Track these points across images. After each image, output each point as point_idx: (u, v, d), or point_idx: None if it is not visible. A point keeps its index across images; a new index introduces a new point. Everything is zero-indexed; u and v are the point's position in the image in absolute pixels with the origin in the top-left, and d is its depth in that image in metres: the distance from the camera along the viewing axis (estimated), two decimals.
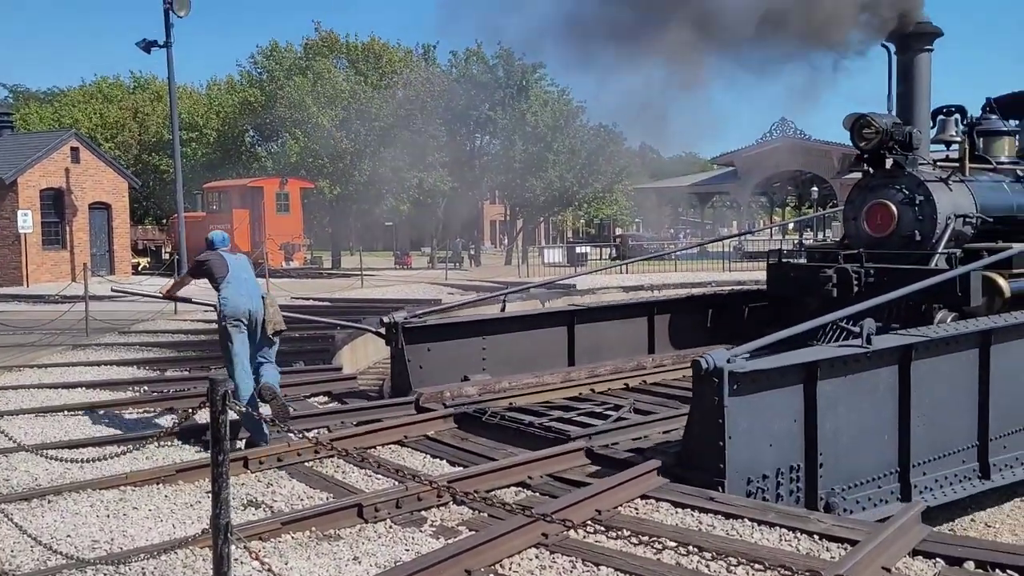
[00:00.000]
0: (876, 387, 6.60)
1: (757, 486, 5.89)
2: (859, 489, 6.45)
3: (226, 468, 3.11)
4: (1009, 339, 7.50)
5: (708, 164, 62.61)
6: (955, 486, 7.09)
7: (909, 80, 9.76)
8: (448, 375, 8.97)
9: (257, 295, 7.24)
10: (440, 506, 5.58)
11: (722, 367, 5.60)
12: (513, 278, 27.54)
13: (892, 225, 9.47)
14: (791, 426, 6.10)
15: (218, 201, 37.43)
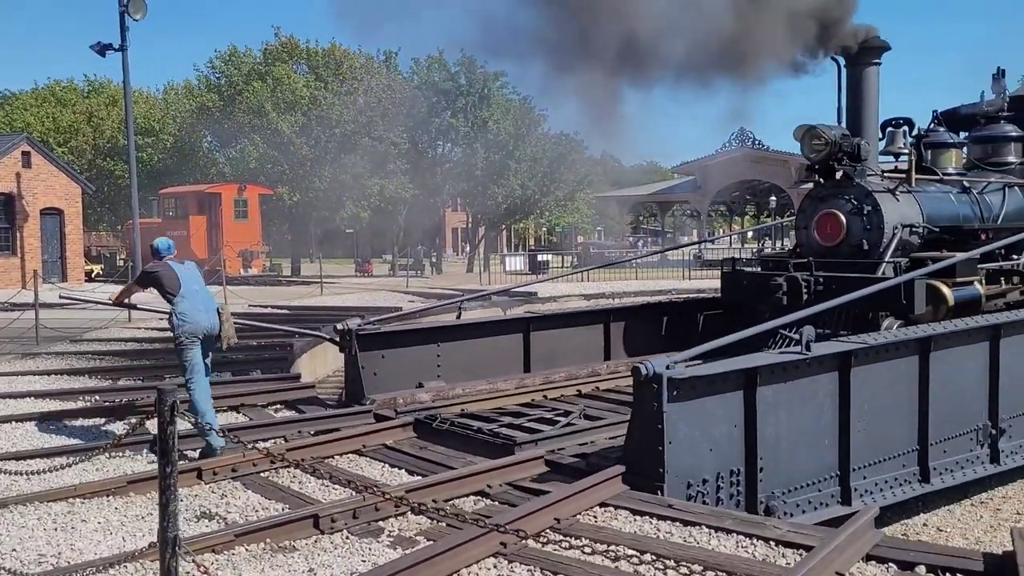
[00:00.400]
0: (816, 393, 6.73)
1: (697, 490, 5.99)
2: (800, 492, 6.58)
3: (174, 480, 3.03)
4: (947, 346, 7.68)
5: (669, 173, 63.18)
6: (895, 489, 7.24)
7: (858, 93, 9.95)
8: (402, 382, 9.00)
9: (213, 309, 7.17)
10: (398, 516, 5.52)
11: (661, 373, 5.70)
12: (475, 286, 27.49)
13: (841, 234, 9.65)
14: (731, 431, 6.22)
15: (174, 207, 36.85)
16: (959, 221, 10.34)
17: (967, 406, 7.92)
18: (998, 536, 7.16)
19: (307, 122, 37.99)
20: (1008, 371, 8.15)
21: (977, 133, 12.21)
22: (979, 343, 8.01)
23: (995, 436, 8.07)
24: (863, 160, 9.59)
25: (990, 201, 10.93)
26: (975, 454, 7.94)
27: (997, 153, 11.86)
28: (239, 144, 40.18)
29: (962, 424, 7.84)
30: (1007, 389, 8.16)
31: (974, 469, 7.91)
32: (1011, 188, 11.22)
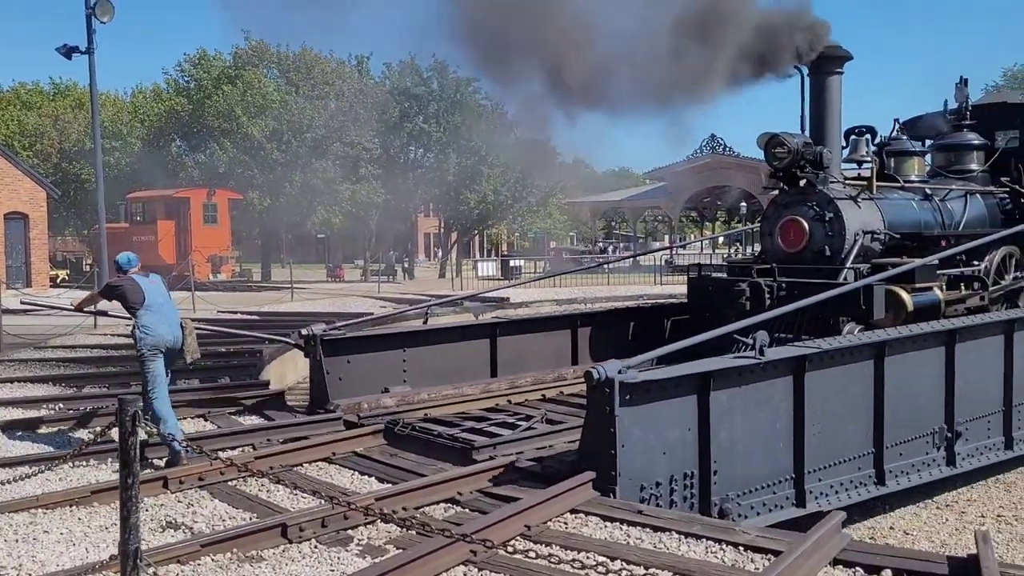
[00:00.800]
0: (771, 396, 6.81)
1: (651, 492, 6.06)
2: (754, 495, 6.66)
3: (135, 492, 2.98)
4: (902, 351, 7.81)
5: (641, 179, 63.55)
6: (850, 491, 7.34)
7: (821, 101, 10.11)
8: (368, 387, 8.98)
9: (177, 323, 7.17)
10: (367, 524, 5.48)
11: (613, 378, 5.76)
12: (447, 291, 27.43)
13: (804, 241, 9.77)
14: (685, 435, 6.30)
15: (142, 212, 36.42)
16: (920, 228, 10.49)
17: (923, 410, 8.05)
18: (963, 539, 7.25)
19: (278, 126, 37.72)
20: (964, 375, 8.30)
21: (940, 141, 12.40)
22: (935, 348, 8.16)
23: (951, 439, 8.21)
24: (825, 168, 9.74)
25: (952, 208, 11.11)
26: (931, 457, 8.09)
27: (960, 161, 12.04)
28: (208, 148, 39.78)
29: (918, 427, 7.98)
30: (963, 393, 8.31)
31: (930, 472, 8.06)
32: (972, 195, 11.41)
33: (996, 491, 8.75)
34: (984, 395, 8.69)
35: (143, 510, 5.67)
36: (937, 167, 12.32)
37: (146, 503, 5.91)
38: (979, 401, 8.59)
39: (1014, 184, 11.72)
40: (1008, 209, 11.60)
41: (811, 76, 10.11)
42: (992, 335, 8.79)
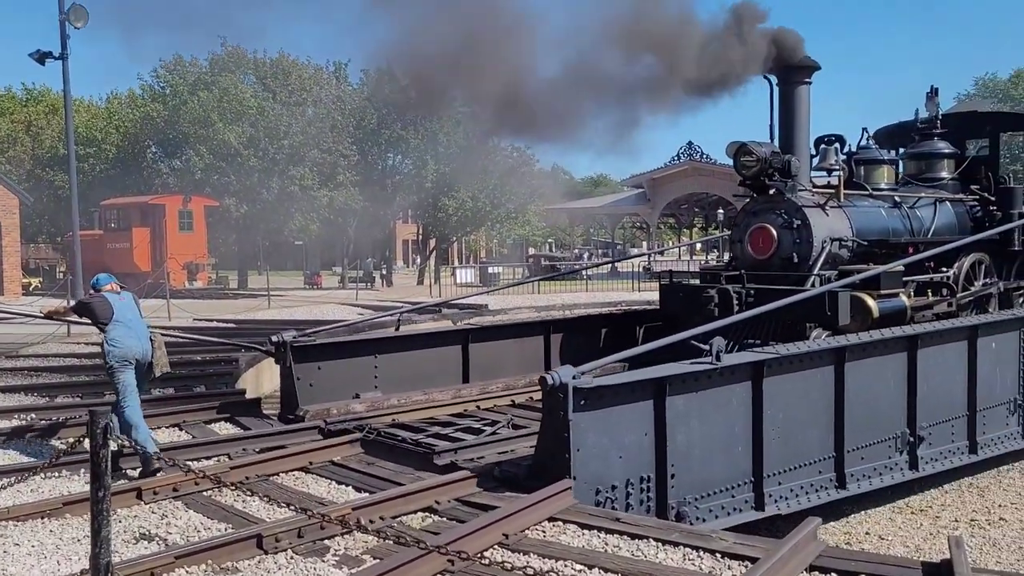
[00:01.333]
0: (729, 401, 6.91)
1: (606, 496, 6.14)
2: (712, 498, 6.75)
3: (107, 505, 2.94)
4: (863, 356, 7.92)
5: (619, 186, 63.77)
6: (811, 495, 7.44)
7: (790, 110, 10.25)
8: (339, 393, 9.04)
9: (146, 336, 7.26)
10: (344, 534, 5.44)
11: (567, 383, 5.86)
12: (425, 298, 27.36)
13: (772, 248, 9.90)
14: (641, 439, 6.38)
15: (117, 219, 36.07)
16: (889, 235, 10.62)
17: (885, 414, 8.19)
18: (938, 543, 7.33)
19: (255, 133, 37.51)
20: (927, 380, 8.45)
21: (911, 150, 12.55)
22: (896, 353, 8.29)
23: (913, 443, 8.35)
24: (794, 176, 9.87)
25: (921, 215, 11.23)
26: (894, 461, 8.23)
27: (931, 169, 12.20)
28: (184, 155, 39.48)
29: (880, 432, 8.11)
30: (926, 398, 8.46)
31: (892, 475, 8.19)
32: (942, 203, 11.53)
33: (970, 496, 8.85)
34: (948, 400, 8.84)
35: (116, 521, 5.62)
36: (908, 175, 12.47)
37: (119, 514, 5.84)
38: (943, 406, 8.75)
39: (983, 192, 11.88)
40: (977, 216, 11.75)
41: (780, 86, 10.25)
42: (955, 341, 8.95)
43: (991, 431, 9.33)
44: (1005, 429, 9.56)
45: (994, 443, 9.36)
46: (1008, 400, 9.62)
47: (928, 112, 12.35)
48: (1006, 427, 9.58)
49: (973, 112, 15.90)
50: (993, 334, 9.37)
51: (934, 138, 12.31)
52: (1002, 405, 9.54)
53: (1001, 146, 12.96)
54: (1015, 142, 14.31)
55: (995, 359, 9.42)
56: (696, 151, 43.58)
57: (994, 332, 9.40)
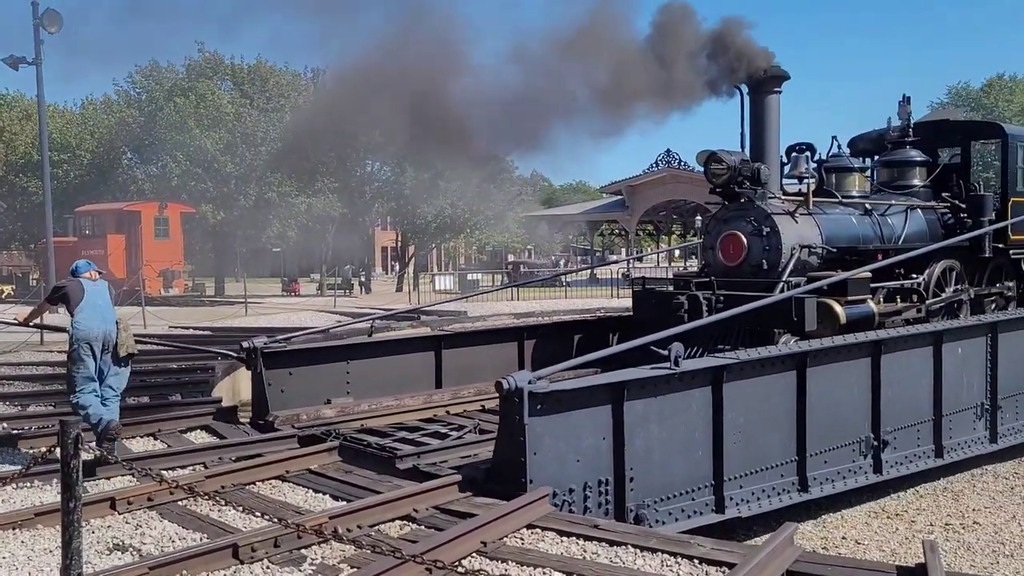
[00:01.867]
0: (689, 406, 7.03)
1: (563, 499, 6.22)
2: (672, 501, 6.86)
3: (78, 516, 2.89)
4: (825, 362, 8.06)
5: (597, 193, 63.97)
6: (772, 498, 7.56)
7: (760, 119, 10.39)
8: (310, 399, 9.12)
9: (111, 320, 7.33)
10: (321, 544, 5.39)
11: (522, 387, 5.99)
12: (403, 305, 27.28)
13: (742, 255, 10.03)
14: (599, 443, 6.48)
15: (91, 225, 35.68)
16: (859, 242, 10.74)
17: (849, 419, 8.32)
18: (913, 548, 7.39)
19: (232, 139, 37.27)
20: (891, 386, 8.59)
21: (884, 158, 12.69)
22: (860, 359, 8.42)
23: (878, 447, 8.47)
24: (764, 184, 10.00)
25: (892, 223, 11.36)
26: (858, 464, 8.35)
27: (903, 177, 12.35)
28: (160, 161, 39.14)
29: (844, 436, 8.25)
30: (890, 403, 8.60)
31: (856, 479, 8.31)
32: (913, 210, 11.66)
33: (945, 500, 8.94)
34: (913, 405, 8.99)
35: (89, 532, 5.54)
36: (882, 183, 12.61)
37: (92, 525, 5.76)
38: (908, 411, 8.89)
39: (954, 199, 12.01)
40: (949, 223, 11.88)
41: (751, 95, 10.38)
42: (920, 347, 9.09)
43: (958, 435, 9.46)
44: (973, 434, 9.71)
45: (961, 447, 9.50)
46: (975, 405, 9.77)
47: (900, 120, 12.50)
48: (973, 431, 9.73)
49: (945, 121, 16.12)
50: (959, 340, 9.52)
51: (906, 146, 12.45)
52: (969, 410, 9.69)
53: (973, 154, 13.14)
54: (987, 150, 14.49)
55: (961, 364, 9.57)
56: (674, 158, 43.82)
57: (960, 338, 9.55)
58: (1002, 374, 10.00)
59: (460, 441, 7.89)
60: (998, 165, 12.69)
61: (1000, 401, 9.99)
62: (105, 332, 7.23)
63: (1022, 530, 7.96)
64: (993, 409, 9.93)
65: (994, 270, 12.28)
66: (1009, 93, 52.60)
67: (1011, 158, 12.01)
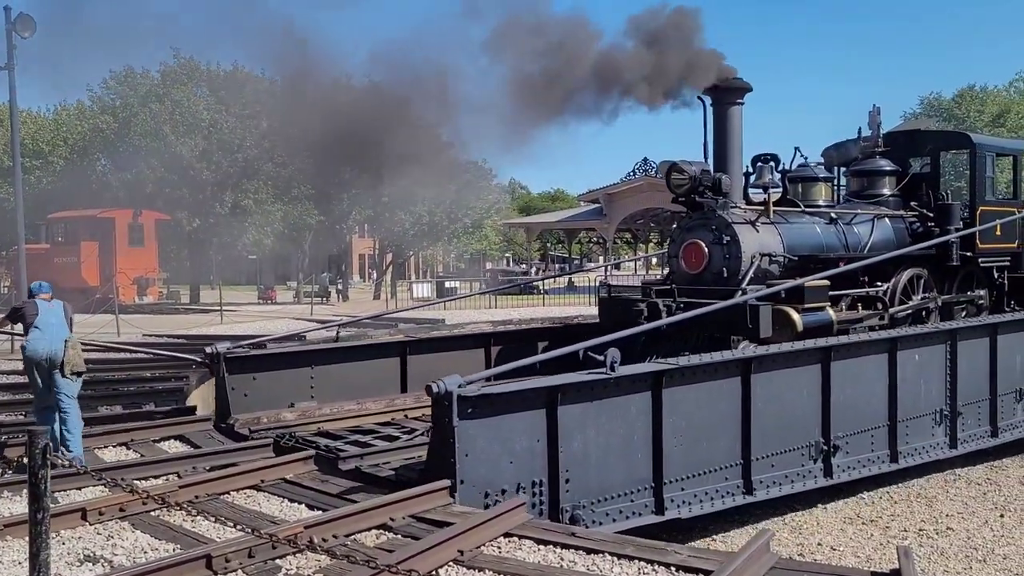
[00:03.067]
0: (628, 410, 7.13)
1: (495, 499, 6.35)
2: (610, 503, 7.00)
3: (46, 526, 2.84)
4: (772, 368, 8.18)
5: (575, 201, 64.17)
6: (715, 500, 7.68)
7: (723, 130, 10.53)
8: (274, 403, 9.29)
9: (59, 339, 7.77)
10: (296, 554, 5.34)
11: (452, 391, 6.11)
12: (379, 312, 27.15)
13: (704, 263, 10.16)
14: (534, 445, 6.60)
15: (64, 232, 35.23)
16: (822, 250, 10.82)
17: (798, 423, 8.44)
18: (887, 553, 7.43)
19: (208, 146, 37.02)
20: (843, 391, 8.73)
21: (854, 167, 12.83)
22: (809, 365, 8.55)
23: (828, 452, 8.60)
24: (724, 193, 10.15)
25: (858, 231, 11.45)
26: (807, 468, 8.47)
27: (873, 186, 12.47)
28: (135, 168, 38.78)
29: (793, 440, 8.37)
30: (841, 408, 8.73)
31: (804, 482, 8.43)
32: (880, 219, 11.75)
33: (918, 506, 9.01)
34: (867, 410, 9.11)
35: (60, 543, 5.46)
36: (852, 192, 12.75)
37: (63, 536, 5.68)
38: (861, 416, 9.01)
39: (923, 208, 12.12)
40: (917, 232, 11.94)
41: (713, 106, 10.51)
42: (874, 353, 9.22)
43: (915, 441, 9.61)
44: (931, 439, 9.85)
45: (918, 452, 9.64)
46: (934, 411, 9.92)
47: (870, 129, 12.65)
48: (932, 437, 9.87)
49: (916, 131, 16.33)
50: (916, 347, 9.66)
51: (876, 156, 12.59)
52: (927, 416, 9.84)
53: (945, 164, 13.29)
54: (959, 160, 14.70)
55: (918, 371, 9.70)
56: (651, 167, 44.04)
57: (917, 345, 9.68)
58: (963, 381, 10.16)
59: (406, 443, 8.01)
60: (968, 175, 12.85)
61: (961, 407, 10.15)
62: (51, 352, 7.71)
63: (994, 535, 8.04)
64: (953, 415, 10.09)
65: (966, 278, 12.41)
66: (980, 104, 53.38)
67: (979, 168, 12.14)
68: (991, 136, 25.72)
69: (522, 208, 75.99)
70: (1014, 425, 11.02)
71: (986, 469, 10.51)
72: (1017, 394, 11.04)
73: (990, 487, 9.76)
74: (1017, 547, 7.71)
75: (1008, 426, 10.90)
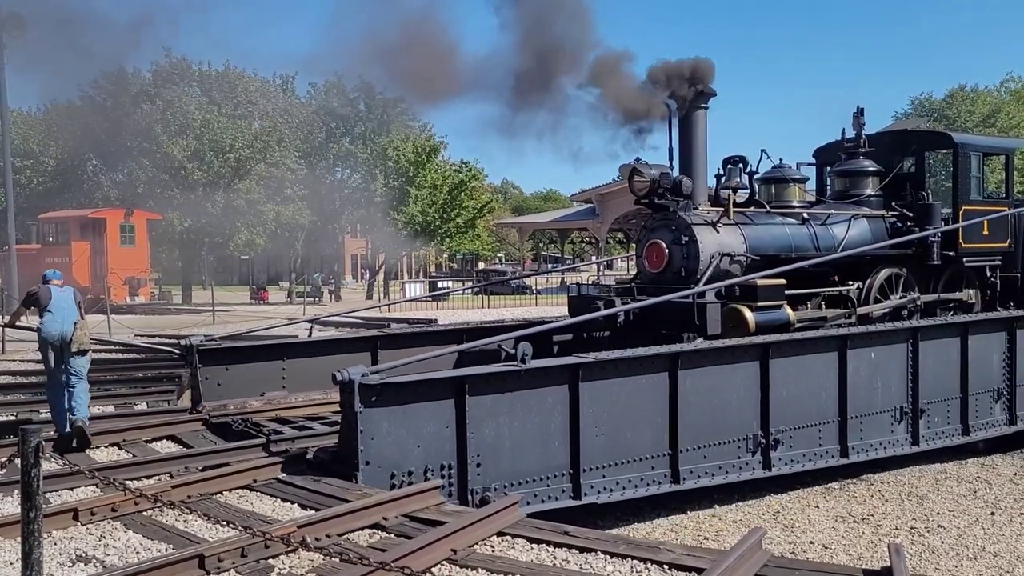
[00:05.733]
0: (544, 400, 7.47)
1: (401, 480, 6.80)
2: (526, 487, 7.32)
3: (38, 526, 2.83)
4: (701, 364, 8.43)
5: (568, 201, 64.23)
6: (639, 488, 7.99)
7: (688, 134, 10.71)
8: (246, 393, 9.80)
9: (70, 321, 8.46)
10: (289, 553, 5.33)
11: (354, 379, 6.52)
12: (373, 312, 27.14)
13: (664, 262, 10.36)
14: (443, 431, 7.00)
15: (55, 232, 35.10)
16: (790, 251, 10.88)
17: (734, 417, 8.67)
18: (879, 551, 7.47)
19: (199, 146, 36.93)
20: (785, 387, 8.99)
21: (838, 167, 12.88)
22: (747, 362, 8.76)
23: (766, 445, 8.82)
24: (686, 195, 10.31)
25: (834, 232, 11.49)
26: (744, 460, 8.73)
27: (855, 186, 12.51)
28: (126, 168, 38.66)
29: (728, 433, 8.62)
30: (783, 404, 8.96)
31: (739, 473, 8.70)
32: (857, 219, 11.78)
33: (909, 504, 9.05)
34: (814, 406, 9.32)
35: (52, 544, 5.44)
36: (836, 192, 12.80)
37: (55, 536, 5.66)
38: (807, 412, 9.24)
39: (904, 208, 12.14)
40: (899, 232, 11.95)
41: (680, 111, 10.64)
42: (822, 352, 9.40)
43: (869, 437, 9.77)
44: (890, 435, 10.01)
45: (873, 448, 9.81)
46: (894, 408, 10.06)
47: (854, 130, 12.71)
48: (891, 433, 10.03)
49: (901, 131, 16.40)
50: (870, 345, 9.79)
51: (860, 156, 12.64)
52: (886, 413, 9.98)
53: (935, 164, 13.32)
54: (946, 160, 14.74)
55: (874, 369, 9.83)
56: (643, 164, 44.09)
57: (871, 343, 9.81)
58: (928, 379, 10.28)
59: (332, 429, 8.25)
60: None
61: (925, 405, 10.27)
62: (62, 333, 8.41)
63: (985, 533, 8.08)
64: (915, 412, 10.20)
65: (953, 278, 12.44)
66: (970, 104, 53.65)
67: (962, 167, 12.17)
68: (980, 136, 25.83)
69: (515, 208, 76.01)
70: (991, 424, 11.09)
71: (977, 468, 10.57)
72: (995, 393, 11.12)
73: (981, 485, 9.82)
74: (1007, 545, 7.76)
75: (984, 424, 10.98)
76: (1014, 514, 8.68)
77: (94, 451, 8.34)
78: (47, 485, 6.42)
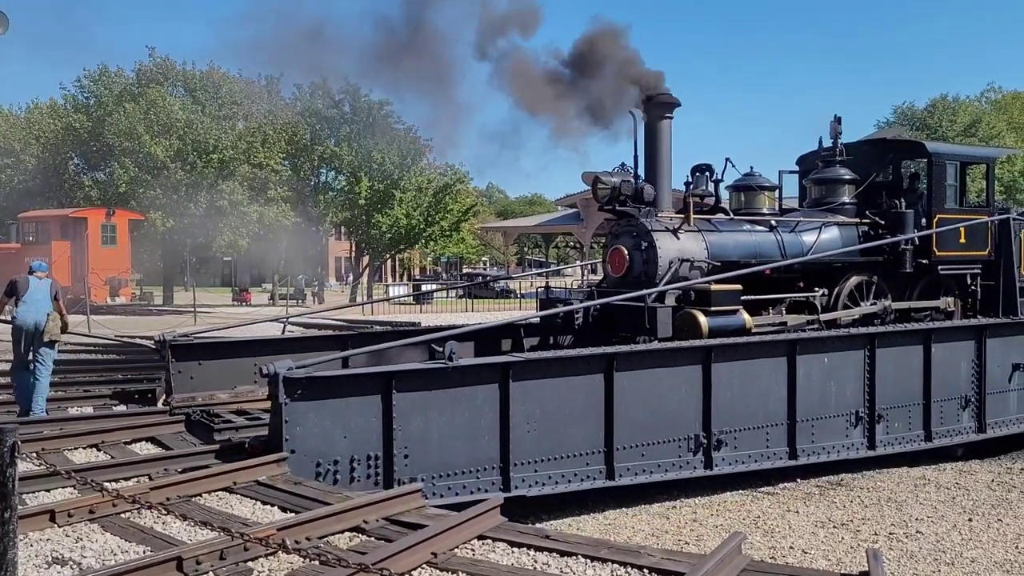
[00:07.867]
0: (474, 397, 7.78)
1: (328, 468, 7.17)
2: (455, 478, 7.70)
3: (13, 527, 2.80)
4: (640, 367, 8.64)
5: (552, 205, 64.32)
6: (572, 483, 8.25)
7: (653, 142, 10.89)
8: (216, 386, 10.21)
9: (43, 312, 9.04)
10: (268, 556, 5.30)
11: (279, 373, 6.88)
12: (356, 316, 27.07)
13: (625, 267, 10.61)
14: (371, 423, 7.34)
15: (35, 232, 34.80)
16: (754, 257, 10.99)
17: (674, 418, 8.89)
18: (858, 557, 7.51)
19: (183, 146, 36.69)
20: (729, 389, 9.21)
21: (814, 175, 13.00)
22: (688, 365, 8.98)
23: (708, 445, 9.04)
24: (648, 202, 10.51)
25: (804, 239, 11.59)
26: (684, 459, 8.97)
27: (831, 194, 12.67)
28: (108, 167, 38.35)
29: (667, 432, 8.85)
30: (727, 406, 9.18)
31: (679, 471, 8.94)
32: (828, 226, 11.88)
33: (888, 510, 9.12)
34: (761, 409, 9.53)
35: (27, 545, 5.38)
36: (812, 200, 12.92)
37: (31, 538, 5.59)
38: (754, 414, 9.46)
39: (876, 216, 12.25)
40: (871, 240, 12.03)
41: (645, 120, 10.80)
42: (770, 356, 9.60)
43: (822, 440, 9.96)
44: (845, 439, 10.17)
45: (825, 451, 9.98)
46: (849, 412, 10.20)
47: (831, 138, 12.84)
48: (847, 437, 10.18)
49: (879, 140, 16.60)
50: (822, 351, 9.93)
51: (836, 165, 12.76)
52: (840, 417, 10.14)
53: (919, 173, 13.45)
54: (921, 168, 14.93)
55: (827, 373, 9.98)
56: (628, 171, 44.26)
57: (823, 349, 9.95)
58: (887, 385, 10.41)
59: None
60: None
61: (883, 410, 10.38)
62: (35, 322, 8.99)
63: (963, 538, 8.15)
64: (871, 417, 10.31)
65: (930, 286, 12.54)
66: (952, 113, 54.15)
67: (936, 176, 12.30)
68: (957, 145, 26.09)
69: (499, 212, 76.06)
70: (957, 431, 11.16)
71: (955, 473, 10.66)
72: (962, 401, 11.21)
73: (959, 491, 9.90)
74: (985, 550, 7.83)
75: (949, 432, 11.06)
76: (991, 520, 8.76)
77: (72, 452, 8.26)
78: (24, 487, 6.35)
